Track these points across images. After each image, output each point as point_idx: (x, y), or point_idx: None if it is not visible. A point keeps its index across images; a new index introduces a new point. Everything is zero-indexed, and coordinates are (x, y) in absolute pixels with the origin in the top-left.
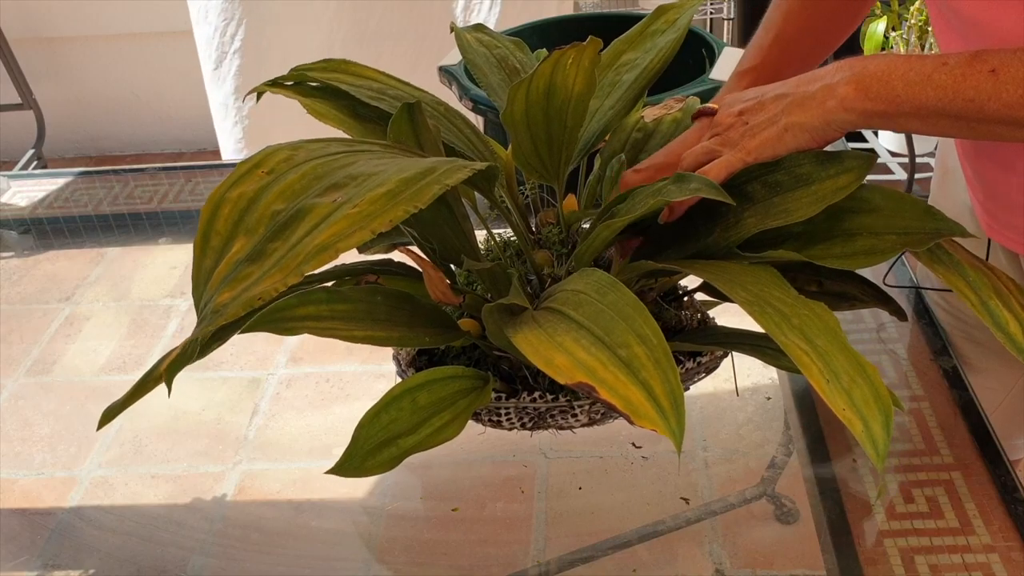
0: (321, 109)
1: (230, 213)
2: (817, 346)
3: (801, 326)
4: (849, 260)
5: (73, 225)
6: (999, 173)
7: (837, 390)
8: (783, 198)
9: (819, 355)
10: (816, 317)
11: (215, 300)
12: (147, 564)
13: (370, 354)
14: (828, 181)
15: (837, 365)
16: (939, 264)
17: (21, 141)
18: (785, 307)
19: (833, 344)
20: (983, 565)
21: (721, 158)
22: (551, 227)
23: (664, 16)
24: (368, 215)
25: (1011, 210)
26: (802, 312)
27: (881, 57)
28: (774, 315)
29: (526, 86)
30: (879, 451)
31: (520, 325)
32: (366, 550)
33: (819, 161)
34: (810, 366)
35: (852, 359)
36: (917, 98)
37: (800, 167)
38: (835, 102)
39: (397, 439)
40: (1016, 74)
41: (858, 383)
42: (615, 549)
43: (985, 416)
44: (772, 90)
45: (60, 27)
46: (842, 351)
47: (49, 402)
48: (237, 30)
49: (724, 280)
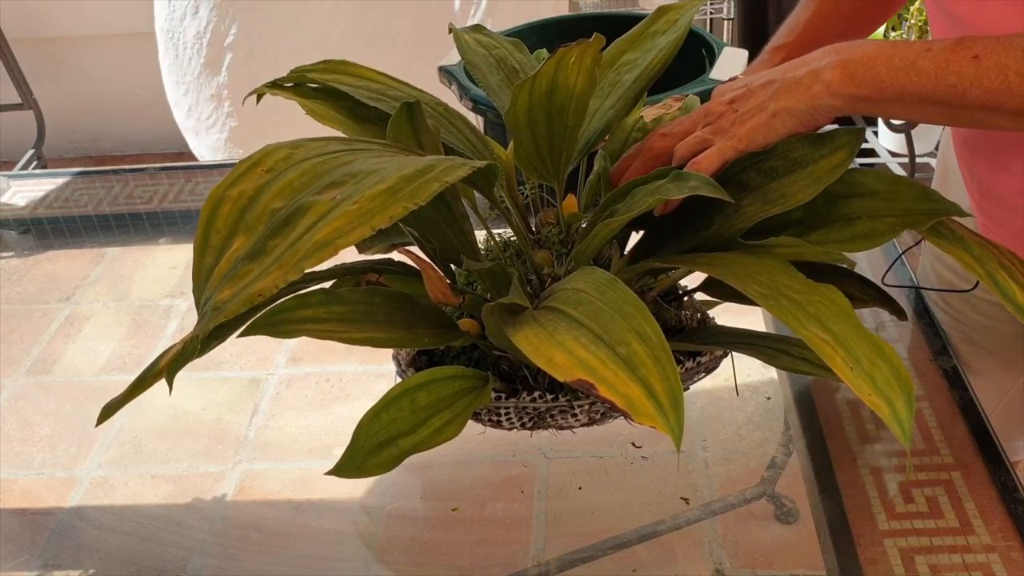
0: (320, 110)
1: (230, 211)
2: (836, 333)
3: (817, 314)
4: (849, 244)
5: (73, 225)
6: (994, 173)
7: (861, 376)
8: (780, 183)
9: (839, 342)
10: (829, 302)
11: (216, 297)
12: (147, 564)
13: (370, 354)
14: (822, 161)
15: (857, 350)
16: (943, 239)
17: (21, 141)
18: (799, 295)
19: (850, 328)
20: (983, 565)
21: (713, 147)
22: (551, 227)
23: (665, 16)
24: (368, 212)
25: (1006, 210)
26: (815, 298)
27: (868, 42)
28: (790, 306)
29: (529, 85)
30: (905, 430)
31: (520, 324)
32: (366, 550)
33: (811, 143)
34: (834, 356)
35: (869, 341)
36: (900, 83)
37: (793, 151)
38: (821, 87)
39: (397, 439)
40: (998, 61)
41: (879, 365)
42: (615, 549)
43: (985, 416)
44: (761, 77)
45: (60, 27)
46: (858, 334)
47: (49, 402)
48: (231, 25)
49: (733, 274)
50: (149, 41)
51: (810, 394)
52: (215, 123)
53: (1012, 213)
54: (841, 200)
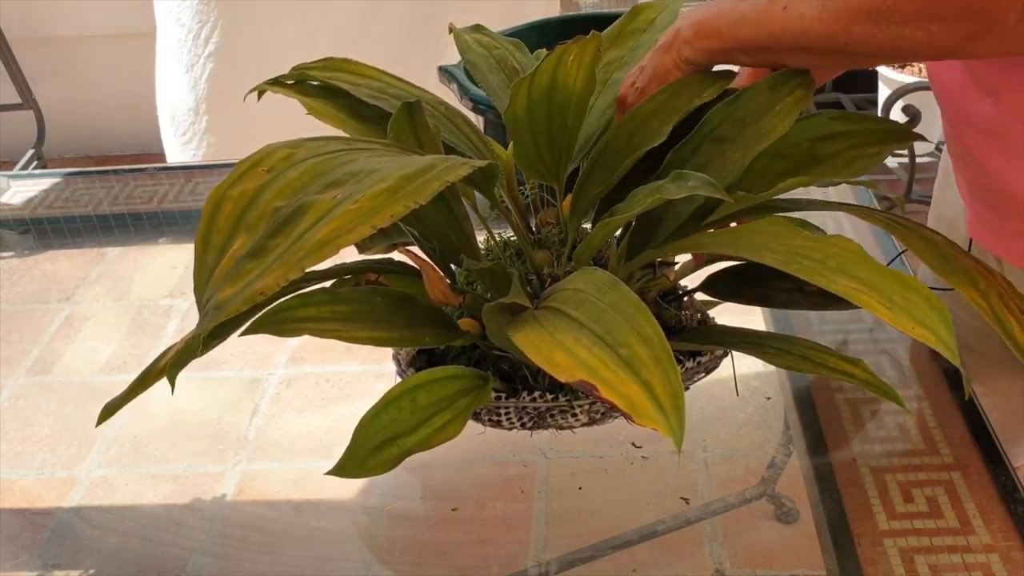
0: (321, 108)
1: (231, 211)
2: (862, 279)
3: (840, 266)
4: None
5: (73, 225)
6: (981, 174)
7: (901, 313)
8: (755, 127)
9: (870, 287)
10: (845, 250)
11: (217, 296)
12: (147, 564)
13: (370, 354)
14: (787, 98)
15: (888, 289)
16: (953, 275)
17: (21, 141)
18: (815, 252)
19: (872, 271)
20: (983, 565)
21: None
22: (551, 227)
23: (642, 15)
24: (369, 211)
25: (991, 210)
26: (832, 251)
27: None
28: (812, 265)
29: (528, 83)
30: (952, 351)
31: (521, 324)
32: (366, 550)
33: (769, 88)
34: (870, 301)
35: (895, 278)
36: (735, 34)
37: (758, 97)
38: (680, 42)
39: (397, 439)
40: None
41: (911, 299)
42: (615, 549)
43: (985, 416)
44: (648, 53)
45: (60, 27)
46: (882, 274)
47: (49, 402)
48: (212, 33)
49: (746, 248)
50: (149, 41)
51: (810, 394)
52: (191, 139)
53: (993, 212)
54: (816, 143)
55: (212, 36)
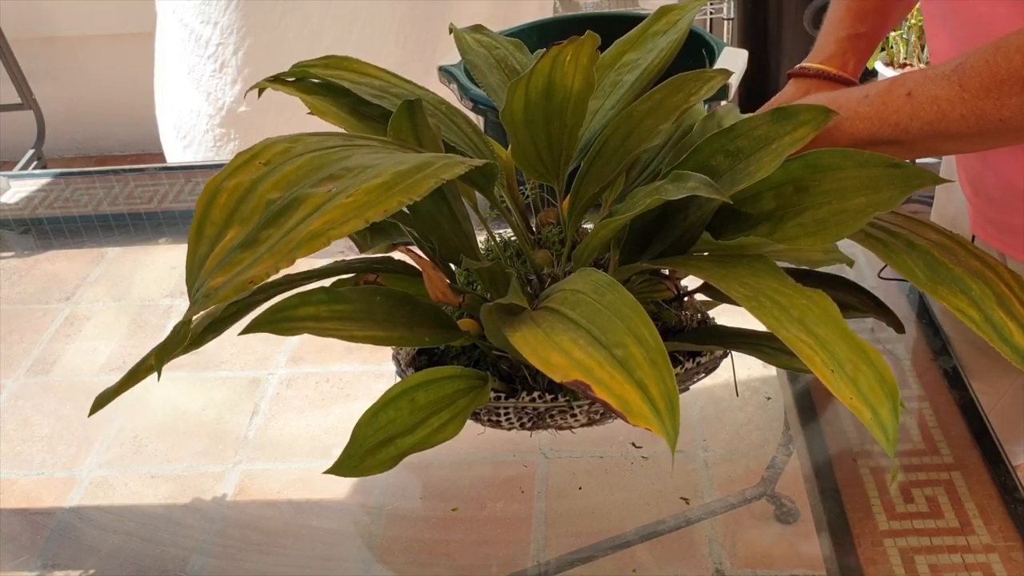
0: (322, 106)
1: (226, 202)
2: (819, 336)
3: (801, 317)
4: (819, 235)
5: (73, 225)
6: (983, 169)
7: (843, 380)
8: (746, 163)
9: (821, 345)
10: (815, 305)
11: (207, 284)
12: (147, 564)
13: (370, 354)
14: (786, 137)
15: (840, 354)
16: (941, 285)
17: (21, 141)
18: (783, 298)
19: (834, 332)
20: (983, 565)
21: None
22: (551, 227)
23: (666, 17)
24: (362, 205)
25: (992, 206)
26: (800, 302)
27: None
28: (773, 308)
29: (524, 84)
30: (889, 437)
31: (518, 324)
32: (366, 550)
33: (775, 120)
34: (813, 357)
35: (855, 346)
36: (850, 133)
37: (757, 129)
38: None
39: (395, 439)
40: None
41: (862, 370)
42: (615, 549)
43: (985, 416)
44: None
45: (60, 27)
46: (843, 338)
47: (49, 402)
48: (213, 33)
49: (720, 277)
50: (149, 41)
51: (810, 394)
52: (192, 141)
53: (997, 208)
54: (811, 187)
55: (214, 37)
